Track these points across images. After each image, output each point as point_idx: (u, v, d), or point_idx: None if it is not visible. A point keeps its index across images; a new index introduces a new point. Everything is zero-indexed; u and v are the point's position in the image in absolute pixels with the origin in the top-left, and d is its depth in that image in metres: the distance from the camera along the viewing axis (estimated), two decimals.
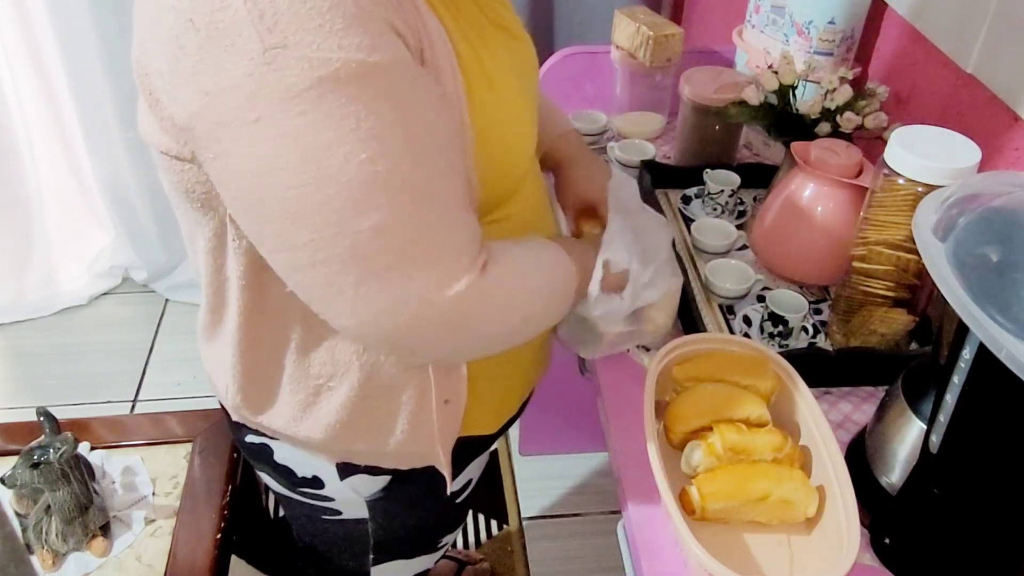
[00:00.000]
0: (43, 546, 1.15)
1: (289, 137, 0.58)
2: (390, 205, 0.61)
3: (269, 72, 0.56)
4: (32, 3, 2.09)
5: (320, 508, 0.96)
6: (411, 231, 0.62)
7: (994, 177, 0.77)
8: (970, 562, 0.78)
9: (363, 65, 0.58)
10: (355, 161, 0.58)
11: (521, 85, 0.80)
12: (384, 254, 0.62)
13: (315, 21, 0.56)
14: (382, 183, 0.60)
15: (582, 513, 1.92)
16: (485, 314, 0.69)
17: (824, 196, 1.10)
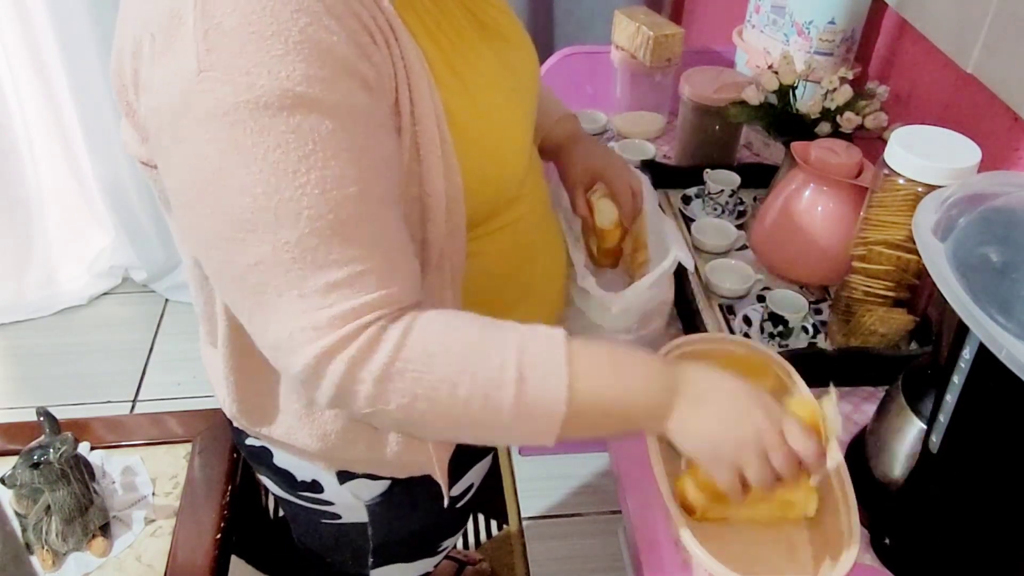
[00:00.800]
0: (43, 546, 1.15)
1: (197, 159, 0.58)
2: (274, 244, 0.59)
3: (198, 92, 0.56)
4: (32, 3, 2.09)
5: (320, 512, 0.96)
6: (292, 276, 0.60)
7: (994, 177, 0.77)
8: (970, 562, 0.78)
9: (287, 95, 0.56)
10: (249, 193, 0.58)
11: (514, 95, 0.79)
12: (262, 290, 0.60)
13: (254, 45, 0.56)
14: (271, 220, 0.58)
15: (582, 513, 1.92)
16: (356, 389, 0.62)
17: (824, 196, 1.10)
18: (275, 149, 0.57)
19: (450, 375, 0.63)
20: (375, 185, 0.62)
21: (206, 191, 0.59)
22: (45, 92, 2.24)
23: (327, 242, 0.60)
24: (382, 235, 0.63)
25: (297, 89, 0.57)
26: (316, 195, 0.59)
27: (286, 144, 0.57)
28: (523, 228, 0.85)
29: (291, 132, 0.57)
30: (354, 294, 0.61)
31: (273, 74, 0.56)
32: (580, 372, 0.65)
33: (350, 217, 0.60)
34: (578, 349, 0.66)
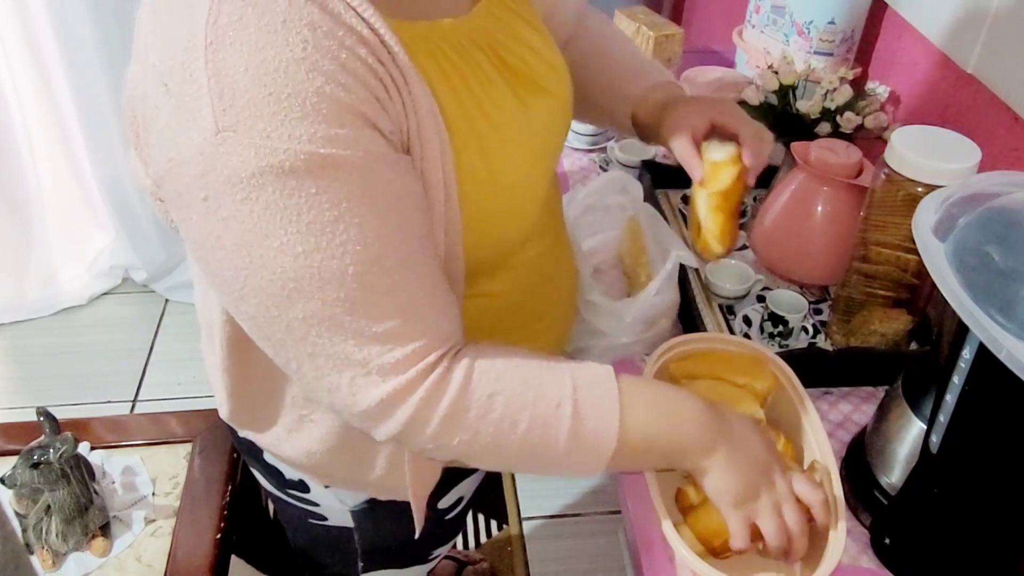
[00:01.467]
0: (43, 546, 1.15)
1: (231, 220, 0.58)
2: (323, 300, 0.59)
3: (218, 154, 0.56)
4: (32, 3, 2.09)
5: (307, 511, 0.95)
6: (346, 328, 0.61)
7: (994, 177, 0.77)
8: (970, 562, 0.78)
9: (311, 157, 0.56)
10: (290, 253, 0.58)
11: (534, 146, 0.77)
12: (317, 343, 0.61)
13: (271, 107, 0.55)
14: (315, 278, 0.59)
15: (582, 513, 1.92)
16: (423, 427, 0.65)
17: (824, 196, 1.10)
18: (308, 211, 0.57)
19: (511, 413, 0.66)
20: (412, 228, 0.63)
21: (246, 251, 0.58)
22: (45, 92, 2.24)
23: (376, 293, 0.61)
24: (425, 276, 0.65)
25: (321, 151, 0.56)
26: (358, 251, 0.59)
27: (319, 206, 0.57)
28: (531, 268, 0.83)
29: (321, 194, 0.57)
30: (412, 338, 0.63)
31: (294, 138, 0.55)
32: (630, 410, 0.69)
33: (395, 266, 0.61)
34: (628, 387, 0.70)
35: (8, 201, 2.32)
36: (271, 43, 0.55)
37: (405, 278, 0.62)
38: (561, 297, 0.92)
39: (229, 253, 0.59)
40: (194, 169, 0.57)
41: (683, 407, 0.73)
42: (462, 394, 0.65)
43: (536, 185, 0.79)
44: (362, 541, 0.98)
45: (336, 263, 0.58)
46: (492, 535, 1.85)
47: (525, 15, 0.80)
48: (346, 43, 0.58)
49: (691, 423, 0.72)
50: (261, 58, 0.55)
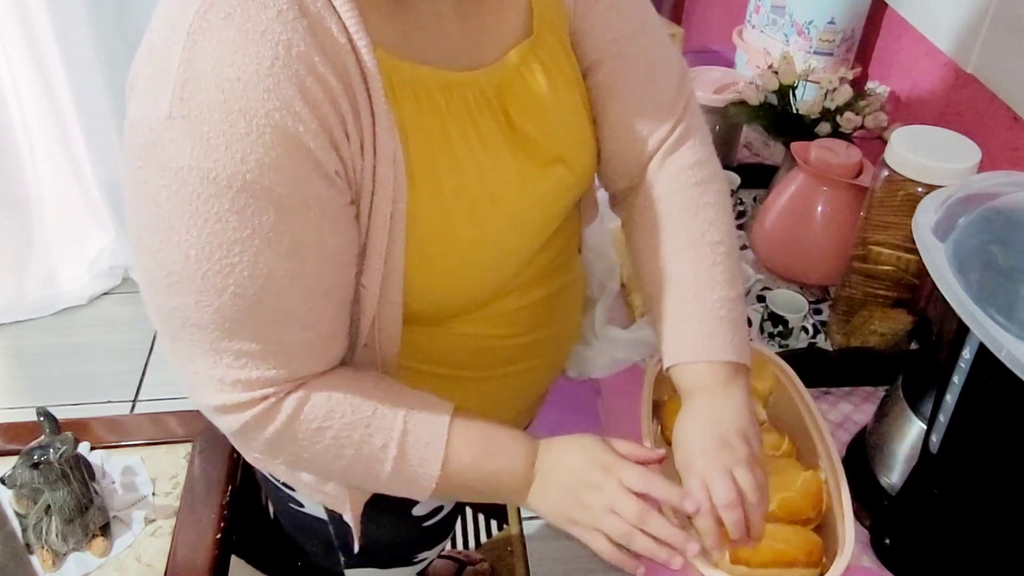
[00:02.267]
0: (43, 546, 1.15)
1: (148, 199, 0.60)
2: (197, 302, 0.61)
3: (162, 137, 0.57)
4: (32, 3, 2.09)
5: (287, 495, 0.93)
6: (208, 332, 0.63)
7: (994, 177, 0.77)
8: (970, 562, 0.78)
9: (237, 177, 0.57)
10: (183, 252, 0.60)
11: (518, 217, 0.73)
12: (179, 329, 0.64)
13: (220, 114, 0.56)
14: (198, 281, 0.60)
15: None
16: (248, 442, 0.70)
17: (824, 196, 1.10)
18: (216, 222, 0.58)
19: (336, 447, 0.69)
20: (312, 279, 0.64)
21: (148, 231, 0.61)
22: (45, 92, 2.24)
23: (245, 318, 0.62)
24: (305, 322, 0.65)
25: (248, 176, 0.57)
26: (244, 276, 0.60)
27: (226, 222, 0.58)
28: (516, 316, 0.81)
29: (234, 213, 0.58)
30: (263, 366, 0.65)
31: (231, 151, 0.56)
32: (454, 456, 0.71)
33: (272, 305, 0.63)
34: (458, 434, 0.71)
35: (8, 201, 2.31)
36: (243, 50, 0.56)
37: (278, 318, 0.64)
38: (558, 338, 0.90)
39: (138, 224, 0.62)
40: (140, 139, 0.60)
41: (506, 452, 0.74)
42: (288, 424, 0.67)
43: (516, 251, 0.76)
44: (338, 535, 0.95)
45: (219, 279, 0.60)
46: (492, 535, 1.85)
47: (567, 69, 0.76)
48: (318, 70, 0.58)
49: (509, 468, 0.73)
50: (229, 62, 0.56)
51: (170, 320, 0.64)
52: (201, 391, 0.67)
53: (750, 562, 0.74)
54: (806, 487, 0.79)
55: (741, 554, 0.74)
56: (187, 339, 0.64)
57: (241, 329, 0.63)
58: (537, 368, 0.88)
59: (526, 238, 0.76)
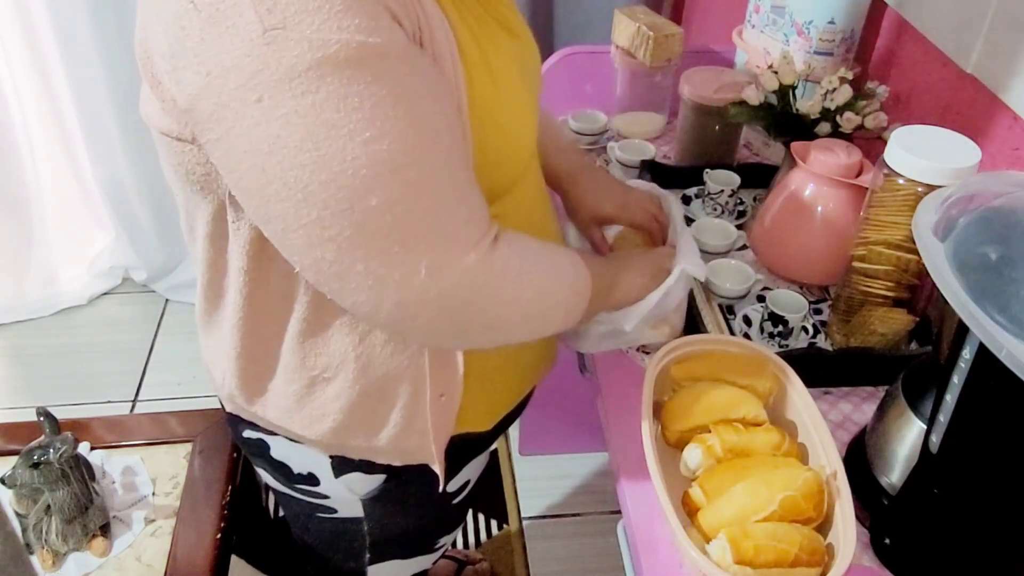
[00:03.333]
0: (43, 546, 1.15)
1: (292, 116, 0.58)
2: (395, 183, 0.61)
3: (269, 52, 0.56)
4: (32, 3, 2.09)
5: (316, 505, 0.96)
6: (418, 208, 0.63)
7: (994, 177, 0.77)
8: (970, 562, 0.78)
9: (363, 47, 0.58)
10: (359, 140, 0.59)
11: (523, 82, 0.80)
12: (392, 230, 0.62)
13: (314, 3, 0.57)
14: (387, 161, 0.60)
15: (582, 513, 1.92)
16: (492, 293, 0.70)
17: (824, 196, 1.10)
18: (370, 97, 0.59)
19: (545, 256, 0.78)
20: (451, 117, 0.67)
21: (308, 145, 0.59)
22: (45, 92, 2.24)
23: (439, 173, 0.64)
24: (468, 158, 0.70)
25: (369, 40, 0.58)
26: (418, 131, 0.62)
27: (377, 92, 0.59)
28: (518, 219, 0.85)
29: (376, 80, 0.59)
30: (474, 211, 0.68)
31: (343, 28, 0.57)
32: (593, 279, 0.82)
33: (448, 147, 0.65)
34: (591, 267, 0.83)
35: (8, 201, 2.32)
36: None
37: (456, 157, 0.66)
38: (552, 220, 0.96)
39: (292, 152, 0.59)
40: (240, 75, 0.57)
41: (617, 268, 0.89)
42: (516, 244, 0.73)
43: (530, 113, 0.83)
44: (372, 531, 0.98)
45: (401, 145, 0.60)
46: (492, 535, 1.85)
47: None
48: None
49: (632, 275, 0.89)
50: None
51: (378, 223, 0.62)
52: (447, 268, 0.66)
53: (753, 562, 0.74)
54: (807, 487, 0.79)
55: (744, 553, 0.74)
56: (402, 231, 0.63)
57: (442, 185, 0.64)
58: None
59: (534, 99, 0.85)
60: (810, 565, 0.75)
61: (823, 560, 0.76)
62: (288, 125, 0.58)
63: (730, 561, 0.74)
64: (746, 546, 0.74)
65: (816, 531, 0.79)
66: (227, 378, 0.86)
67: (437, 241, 0.65)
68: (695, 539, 0.78)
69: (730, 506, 0.79)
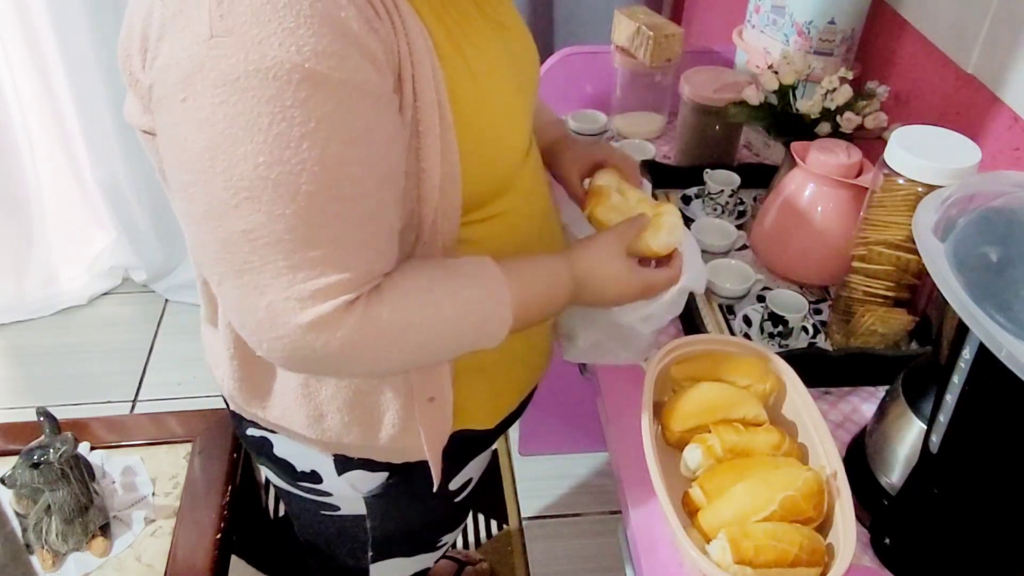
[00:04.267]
0: (43, 546, 1.15)
1: (205, 123, 0.59)
2: (269, 213, 0.60)
3: (208, 56, 0.58)
4: (32, 3, 2.09)
5: (319, 503, 0.96)
6: (279, 247, 0.61)
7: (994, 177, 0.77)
8: (970, 562, 0.78)
9: (296, 69, 0.58)
10: (252, 162, 0.59)
11: (515, 80, 0.79)
12: (247, 258, 0.62)
13: (267, 14, 0.57)
14: (270, 190, 0.60)
15: (582, 513, 1.92)
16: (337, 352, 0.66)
17: (824, 196, 1.10)
18: (280, 121, 0.58)
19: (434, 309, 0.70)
20: (376, 165, 0.64)
21: (209, 154, 0.60)
22: (45, 92, 2.24)
23: (320, 218, 0.62)
24: (375, 214, 0.66)
25: (307, 64, 0.58)
26: (316, 172, 0.60)
27: (291, 118, 0.59)
28: (519, 218, 0.85)
29: (297, 106, 0.59)
30: (338, 271, 0.64)
31: (284, 46, 0.57)
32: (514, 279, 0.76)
33: (346, 196, 0.63)
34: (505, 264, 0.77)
35: (8, 201, 2.31)
36: None
37: (351, 210, 0.63)
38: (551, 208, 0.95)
39: (194, 156, 0.61)
40: (179, 72, 0.59)
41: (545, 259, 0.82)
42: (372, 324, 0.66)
43: (520, 116, 0.82)
44: (374, 529, 0.98)
45: (292, 179, 0.60)
46: (492, 535, 1.85)
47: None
48: None
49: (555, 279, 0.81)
50: None
51: (238, 248, 0.62)
52: (282, 319, 0.64)
53: (753, 561, 0.74)
54: (808, 487, 0.79)
55: (744, 553, 0.74)
56: (258, 264, 0.62)
57: (315, 232, 0.62)
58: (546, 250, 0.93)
59: (528, 97, 0.84)
60: (810, 565, 0.75)
61: (823, 560, 0.76)
62: (199, 130, 0.59)
63: (730, 561, 0.74)
64: (746, 546, 0.74)
65: (816, 531, 0.79)
66: (226, 380, 0.87)
67: (283, 287, 0.63)
68: (695, 539, 0.78)
69: (730, 506, 0.79)
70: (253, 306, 0.64)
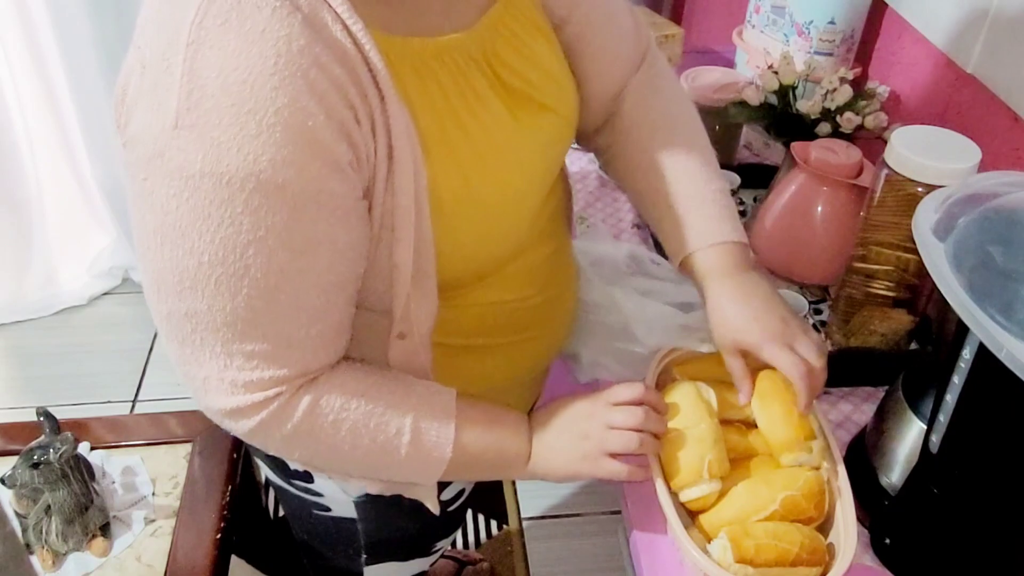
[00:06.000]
0: (43, 546, 1.15)
1: (158, 208, 0.60)
2: (210, 306, 0.62)
3: (171, 145, 0.58)
4: (32, 4, 2.09)
5: (311, 502, 0.95)
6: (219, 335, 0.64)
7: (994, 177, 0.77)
8: (970, 562, 0.78)
9: (250, 177, 0.58)
10: (196, 257, 0.60)
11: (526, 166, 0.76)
12: (188, 335, 0.65)
13: (230, 118, 0.57)
14: (212, 287, 0.61)
15: (582, 513, 1.92)
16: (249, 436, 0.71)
17: (824, 196, 1.10)
18: (229, 225, 0.59)
19: (351, 438, 0.71)
20: (325, 274, 0.65)
21: (159, 238, 0.61)
22: (45, 92, 2.24)
23: (258, 318, 0.63)
24: (318, 316, 0.67)
25: (262, 175, 0.58)
26: (258, 277, 0.61)
27: (239, 224, 0.59)
28: (529, 275, 0.84)
29: (247, 214, 0.59)
30: (275, 365, 0.66)
31: (243, 152, 0.57)
32: (462, 430, 0.74)
33: (287, 302, 0.64)
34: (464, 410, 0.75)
35: (8, 201, 2.31)
36: (246, 52, 0.56)
37: (290, 314, 0.65)
38: (563, 301, 0.92)
39: (146, 233, 0.62)
40: (145, 151, 0.59)
41: (507, 425, 0.78)
42: (305, 419, 0.69)
43: (527, 201, 0.79)
44: (366, 533, 0.98)
45: (234, 281, 0.61)
46: (492, 535, 1.85)
47: (538, 21, 0.79)
48: (321, 60, 0.59)
49: (513, 432, 0.78)
50: (233, 66, 0.56)
51: (180, 325, 0.65)
52: (211, 396, 0.67)
53: (754, 561, 0.74)
54: (809, 487, 0.79)
55: (745, 553, 0.74)
56: (196, 344, 0.65)
57: (253, 330, 0.64)
58: (546, 334, 0.91)
59: (535, 188, 0.80)
60: (811, 564, 0.75)
61: (824, 559, 0.76)
62: (152, 213, 0.61)
63: (731, 560, 0.74)
64: (747, 545, 0.74)
65: (817, 531, 0.79)
66: None
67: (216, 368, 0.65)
68: (696, 539, 0.78)
69: (731, 506, 0.79)
70: (192, 374, 0.68)
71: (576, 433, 0.77)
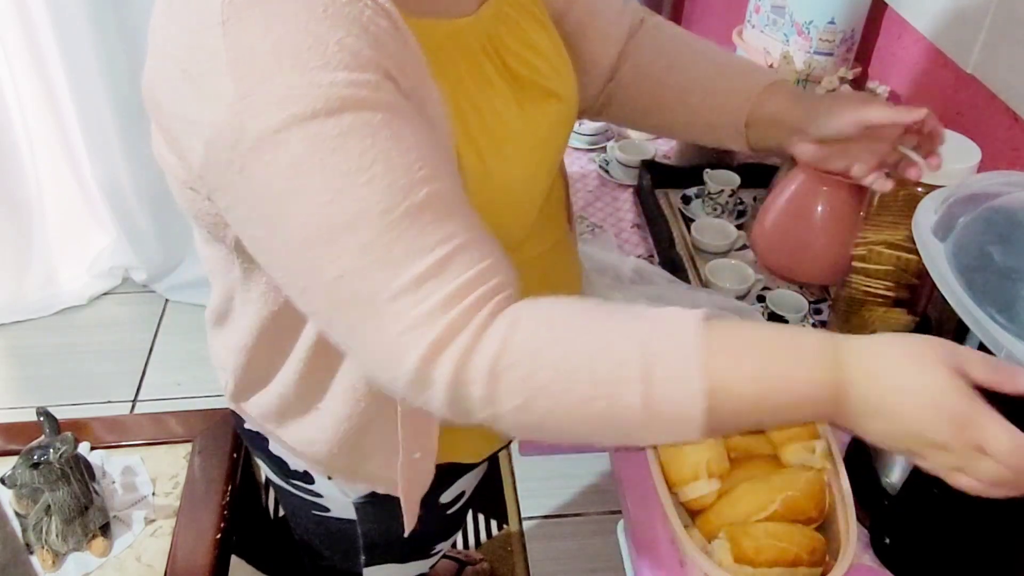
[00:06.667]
0: (43, 546, 1.15)
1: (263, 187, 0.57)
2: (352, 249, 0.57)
3: (244, 120, 0.55)
4: (32, 3, 2.09)
5: (311, 503, 0.96)
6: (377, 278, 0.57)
7: (994, 177, 0.77)
8: (970, 562, 0.78)
9: (332, 100, 0.55)
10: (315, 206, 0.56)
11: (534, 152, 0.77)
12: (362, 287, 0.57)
13: (290, 62, 0.55)
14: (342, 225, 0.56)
15: (582, 513, 1.92)
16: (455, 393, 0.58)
17: (824, 196, 1.10)
18: (332, 153, 0.56)
19: (564, 373, 0.57)
20: (439, 166, 0.61)
21: (275, 217, 0.57)
22: (45, 92, 2.24)
23: (405, 233, 0.57)
24: (459, 212, 0.60)
25: (343, 92, 0.56)
26: (384, 188, 0.56)
27: (342, 146, 0.56)
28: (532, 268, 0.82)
29: (344, 134, 0.56)
30: (446, 280, 0.57)
31: (315, 84, 0.55)
32: (717, 366, 0.56)
33: (424, 201, 0.57)
34: (717, 337, 0.57)
35: (8, 201, 2.32)
36: (291, 8, 0.56)
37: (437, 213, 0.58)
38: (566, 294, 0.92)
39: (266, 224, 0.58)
40: (224, 144, 0.56)
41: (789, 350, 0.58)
42: (503, 346, 0.57)
43: (536, 186, 0.80)
44: (365, 534, 0.98)
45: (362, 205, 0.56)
46: (492, 535, 1.85)
47: (536, 12, 0.80)
48: (366, 13, 0.58)
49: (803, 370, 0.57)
50: (281, 19, 0.55)
51: (342, 299, 0.58)
52: (403, 357, 0.57)
53: (754, 561, 0.74)
54: (809, 487, 0.79)
55: (745, 553, 0.74)
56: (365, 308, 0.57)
57: (406, 249, 0.56)
58: None
59: (543, 173, 0.80)
60: (811, 565, 0.75)
61: (824, 560, 0.76)
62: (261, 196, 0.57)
63: (731, 560, 0.74)
64: (747, 545, 0.74)
65: (817, 531, 0.79)
66: (228, 383, 0.88)
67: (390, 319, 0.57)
68: (696, 539, 0.78)
69: (731, 506, 0.79)
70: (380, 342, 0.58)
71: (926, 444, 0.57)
